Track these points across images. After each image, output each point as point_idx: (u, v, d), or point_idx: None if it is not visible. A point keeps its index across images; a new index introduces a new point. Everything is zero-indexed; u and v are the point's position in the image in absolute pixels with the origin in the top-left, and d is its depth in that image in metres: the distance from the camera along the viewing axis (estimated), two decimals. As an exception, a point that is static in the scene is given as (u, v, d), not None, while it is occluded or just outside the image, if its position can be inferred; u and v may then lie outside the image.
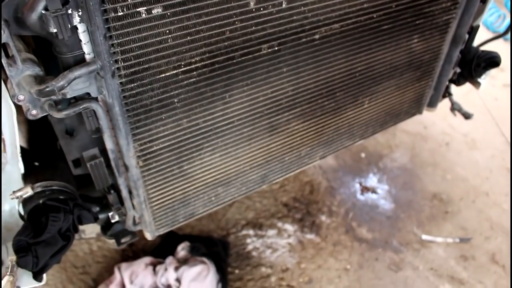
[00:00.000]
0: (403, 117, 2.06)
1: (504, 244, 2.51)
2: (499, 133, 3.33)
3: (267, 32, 1.27)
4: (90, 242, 2.35)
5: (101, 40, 0.99)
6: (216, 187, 1.59)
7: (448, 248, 2.48)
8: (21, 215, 1.35)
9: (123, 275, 2.08)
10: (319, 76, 1.53)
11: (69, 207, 1.30)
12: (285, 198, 2.69)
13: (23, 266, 1.22)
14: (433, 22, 1.71)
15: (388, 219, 2.63)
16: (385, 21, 1.55)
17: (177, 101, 1.24)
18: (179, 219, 1.59)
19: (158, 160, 1.34)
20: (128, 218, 1.45)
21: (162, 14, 1.05)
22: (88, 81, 1.07)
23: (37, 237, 1.20)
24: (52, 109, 1.04)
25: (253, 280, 2.26)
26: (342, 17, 1.41)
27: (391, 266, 2.38)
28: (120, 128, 1.17)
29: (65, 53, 1.02)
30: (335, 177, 2.88)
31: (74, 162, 1.31)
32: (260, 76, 1.37)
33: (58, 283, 2.17)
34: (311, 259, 2.38)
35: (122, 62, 1.06)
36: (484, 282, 2.33)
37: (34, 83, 0.99)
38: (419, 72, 1.89)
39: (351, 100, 1.73)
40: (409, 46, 1.73)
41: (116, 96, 1.10)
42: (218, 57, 1.22)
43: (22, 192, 1.25)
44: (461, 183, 2.89)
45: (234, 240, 2.44)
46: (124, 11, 0.99)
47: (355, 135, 1.92)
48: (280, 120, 1.56)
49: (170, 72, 1.17)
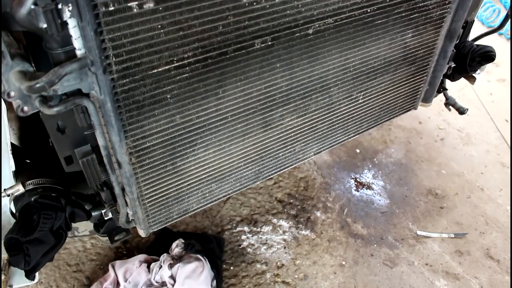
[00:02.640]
0: (398, 112, 2.06)
1: (499, 239, 2.52)
2: (494, 128, 3.34)
3: (260, 27, 1.26)
4: (83, 239, 2.33)
5: (91, 36, 0.98)
6: (210, 183, 1.58)
7: (443, 244, 2.49)
8: (12, 213, 1.34)
9: (117, 273, 2.07)
10: (313, 71, 1.52)
11: (61, 204, 1.29)
12: (279, 194, 2.69)
13: (15, 264, 1.21)
14: (427, 17, 1.71)
15: (383, 214, 2.63)
16: (379, 15, 1.54)
17: (170, 97, 1.23)
18: (173, 216, 1.58)
19: (151, 157, 1.33)
20: (122, 215, 1.44)
21: (154, 9, 1.03)
22: (80, 77, 1.05)
23: (29, 235, 1.20)
24: (43, 106, 1.02)
25: (248, 276, 2.25)
26: (336, 11, 1.40)
27: (386, 262, 2.38)
28: (112, 124, 1.16)
29: (55, 49, 1.00)
30: (330, 173, 2.87)
31: (66, 159, 1.29)
32: (254, 71, 1.36)
33: (51, 281, 2.16)
34: (306, 255, 2.37)
35: (113, 58, 1.05)
36: (479, 277, 2.33)
37: (24, 79, 0.97)
38: (413, 67, 1.89)
39: (346, 95, 1.73)
40: (403, 41, 1.72)
41: (107, 92, 1.09)
42: (211, 52, 1.21)
43: (14, 190, 1.25)
44: (456, 178, 2.89)
45: (229, 237, 2.43)
46: (115, 6, 0.97)
47: (349, 131, 1.91)
48: (274, 115, 1.55)
49: (162, 67, 1.15)
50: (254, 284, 2.23)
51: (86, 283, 2.18)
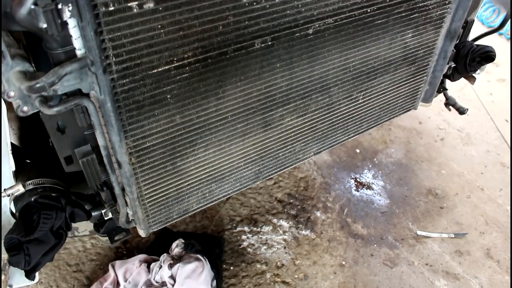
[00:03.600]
0: (398, 112, 2.06)
1: (499, 239, 2.52)
2: (494, 128, 3.33)
3: (260, 26, 1.26)
4: (83, 239, 2.33)
5: (91, 36, 0.98)
6: (210, 183, 1.58)
7: (443, 244, 2.49)
8: (12, 213, 1.34)
9: (117, 272, 2.07)
10: (313, 71, 1.52)
11: (61, 204, 1.29)
12: (279, 194, 2.69)
13: (15, 264, 1.21)
14: (427, 17, 1.70)
15: (383, 214, 2.63)
16: (379, 15, 1.54)
17: (170, 97, 1.23)
18: (173, 216, 1.58)
19: (151, 157, 1.32)
20: (122, 215, 1.44)
21: (154, 9, 1.03)
22: (80, 77, 1.06)
23: (29, 235, 1.20)
24: (43, 106, 1.02)
25: (248, 276, 2.25)
26: (336, 11, 1.40)
27: (386, 262, 2.38)
28: (112, 124, 1.15)
29: (55, 49, 1.01)
30: (330, 173, 2.87)
31: (66, 159, 1.29)
32: (254, 71, 1.36)
33: (51, 281, 2.16)
34: (306, 255, 2.37)
35: (113, 58, 1.05)
36: (479, 277, 2.33)
37: (24, 79, 0.97)
38: (413, 67, 1.89)
39: (346, 95, 1.72)
40: (403, 41, 1.72)
41: (107, 92, 1.09)
42: (211, 52, 1.21)
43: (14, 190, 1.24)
44: (456, 178, 2.89)
45: (229, 237, 2.43)
46: (115, 6, 0.97)
47: (349, 131, 1.91)
48: (274, 115, 1.55)
49: (162, 67, 1.15)
50: (254, 284, 2.23)
51: (86, 283, 2.18)
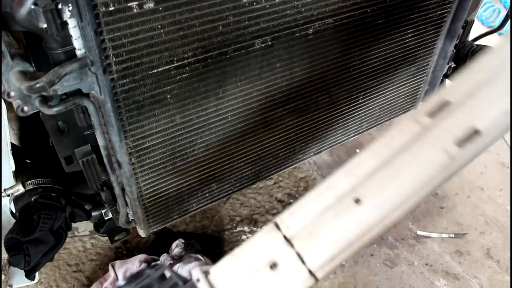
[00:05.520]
0: (398, 112, 2.06)
1: (499, 239, 2.52)
2: (494, 128, 3.33)
3: (260, 26, 1.26)
4: (83, 239, 2.33)
5: (91, 36, 0.98)
6: (210, 183, 1.58)
7: (443, 244, 2.48)
8: (12, 213, 1.34)
9: (117, 272, 2.06)
10: (313, 71, 1.52)
11: (61, 204, 1.29)
12: (279, 194, 2.68)
13: (15, 264, 1.21)
14: (427, 17, 1.70)
15: (383, 214, 2.62)
16: (380, 15, 1.54)
17: (170, 97, 1.23)
18: (173, 216, 1.58)
19: (151, 157, 1.32)
20: (122, 215, 1.44)
21: (154, 9, 1.03)
22: (80, 77, 1.06)
23: (29, 235, 1.20)
24: (43, 106, 1.03)
25: (248, 276, 2.25)
26: (336, 11, 1.40)
27: (386, 262, 2.38)
28: (112, 124, 1.16)
29: (55, 49, 1.01)
30: (330, 173, 2.85)
31: (66, 159, 1.29)
32: (254, 71, 1.36)
33: (51, 281, 2.16)
34: (306, 255, 2.37)
35: (113, 58, 1.05)
36: (479, 277, 2.33)
37: (24, 79, 0.97)
38: (413, 67, 1.89)
39: (346, 95, 1.73)
40: (403, 41, 1.72)
41: (107, 92, 1.09)
42: (211, 52, 1.21)
43: (14, 190, 1.25)
44: (456, 178, 2.89)
45: (229, 237, 2.43)
46: (115, 6, 0.97)
47: (349, 131, 1.91)
48: (274, 115, 1.55)
49: (162, 67, 1.15)
50: (254, 284, 2.22)
51: (86, 283, 2.18)
